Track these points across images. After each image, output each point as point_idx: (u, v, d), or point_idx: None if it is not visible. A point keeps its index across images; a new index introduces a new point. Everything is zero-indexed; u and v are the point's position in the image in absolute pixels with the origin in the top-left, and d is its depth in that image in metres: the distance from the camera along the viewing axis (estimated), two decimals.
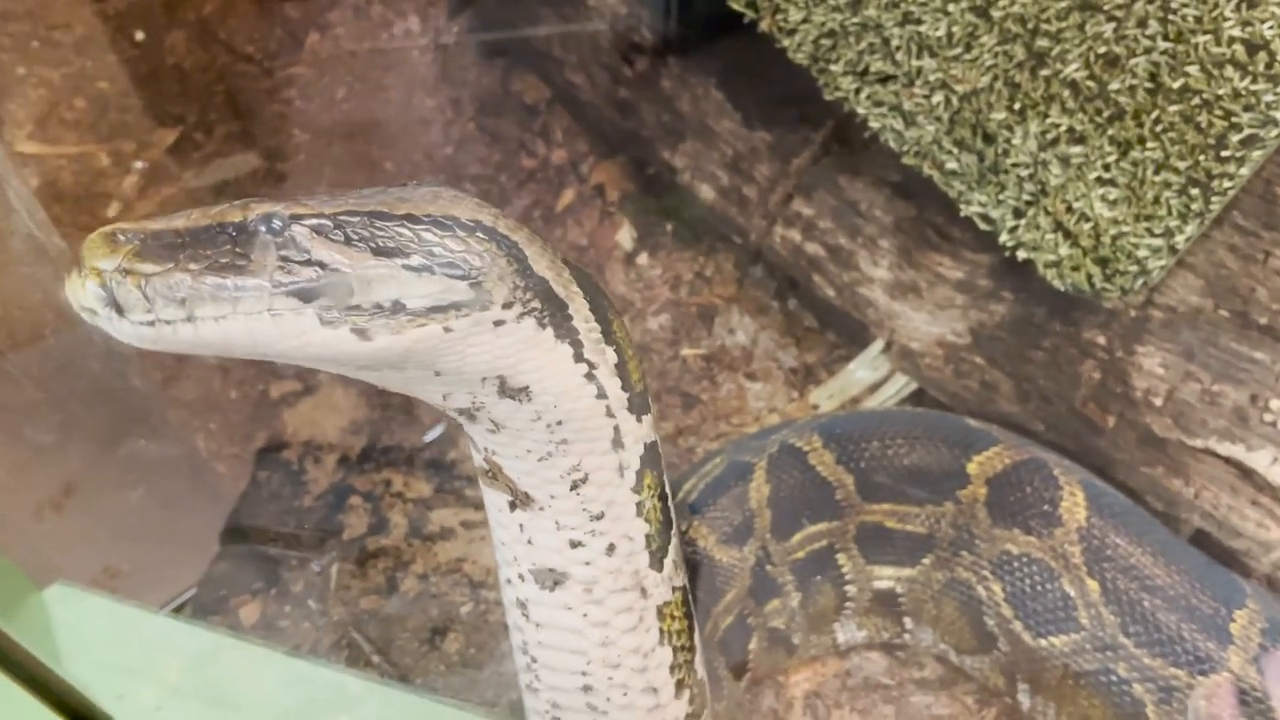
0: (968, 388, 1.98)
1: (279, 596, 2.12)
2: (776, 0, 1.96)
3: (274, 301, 0.86)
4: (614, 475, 1.06)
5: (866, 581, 1.72)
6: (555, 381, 0.99)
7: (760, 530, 1.62)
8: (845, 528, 1.68)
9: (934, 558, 1.70)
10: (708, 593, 1.51)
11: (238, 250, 0.86)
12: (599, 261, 2.60)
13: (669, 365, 2.43)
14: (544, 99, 2.82)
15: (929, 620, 1.77)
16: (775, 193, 2.19)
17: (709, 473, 1.68)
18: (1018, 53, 1.73)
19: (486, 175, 2.79)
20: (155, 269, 0.84)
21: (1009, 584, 1.68)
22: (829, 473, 1.68)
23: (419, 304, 0.89)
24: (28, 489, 1.82)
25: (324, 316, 0.88)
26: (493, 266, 0.92)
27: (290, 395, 2.42)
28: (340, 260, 0.87)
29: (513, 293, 0.93)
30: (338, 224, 0.88)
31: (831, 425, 1.74)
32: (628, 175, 2.69)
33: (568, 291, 0.98)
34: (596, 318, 1.01)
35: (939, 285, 1.97)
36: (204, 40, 3.08)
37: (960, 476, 1.70)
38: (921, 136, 1.86)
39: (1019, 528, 1.67)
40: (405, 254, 0.89)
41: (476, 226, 0.93)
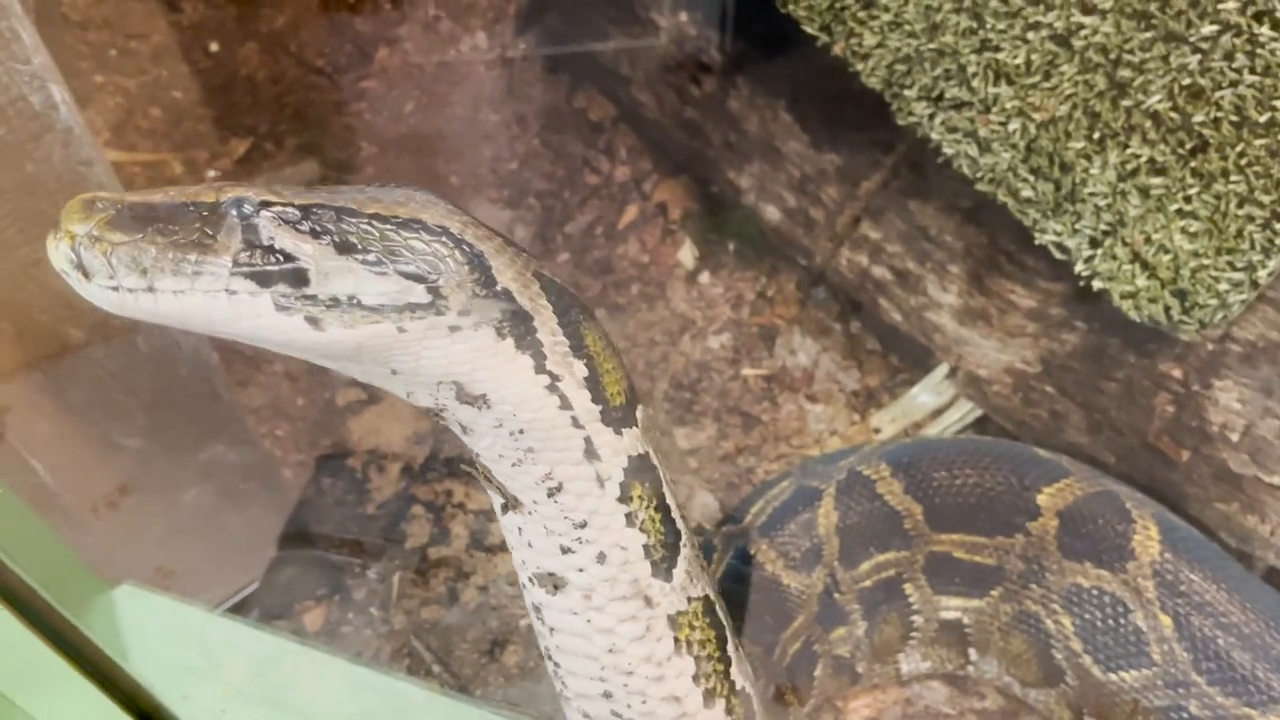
0: (1036, 416, 1.96)
1: (342, 603, 2.15)
2: (851, 25, 1.96)
3: (232, 282, 0.89)
4: (592, 485, 1.06)
5: (933, 612, 1.71)
6: (513, 391, 0.99)
7: (828, 557, 1.61)
8: (913, 558, 1.67)
9: (1002, 589, 1.69)
10: (776, 617, 1.51)
11: (205, 230, 0.89)
12: (660, 279, 2.61)
13: (729, 385, 2.43)
14: (609, 116, 2.84)
15: (995, 652, 1.75)
16: (843, 215, 2.19)
17: (776, 496, 1.68)
18: (1099, 82, 1.72)
19: (550, 191, 2.82)
20: (122, 239, 0.87)
21: (1079, 617, 1.66)
22: (897, 502, 1.67)
23: (374, 301, 0.91)
24: (94, 484, 1.86)
25: (279, 302, 0.90)
26: (453, 273, 0.93)
27: (355, 404, 2.45)
28: (303, 250, 0.89)
29: (471, 300, 0.93)
30: (305, 215, 0.90)
31: (899, 453, 1.74)
32: (691, 194, 2.71)
33: (534, 304, 0.98)
34: (565, 331, 1.00)
35: (1010, 313, 1.95)
36: (276, 53, 3.14)
37: (1031, 508, 1.69)
38: (996, 164, 1.86)
39: (1090, 561, 1.66)
40: (366, 251, 0.90)
41: (442, 232, 0.94)
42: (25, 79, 1.14)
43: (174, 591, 2.11)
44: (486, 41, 3.12)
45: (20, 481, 1.73)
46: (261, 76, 3.10)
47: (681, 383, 2.45)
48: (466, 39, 3.13)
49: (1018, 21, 1.77)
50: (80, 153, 1.25)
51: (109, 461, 1.70)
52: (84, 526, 1.91)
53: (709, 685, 1.17)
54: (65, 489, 1.69)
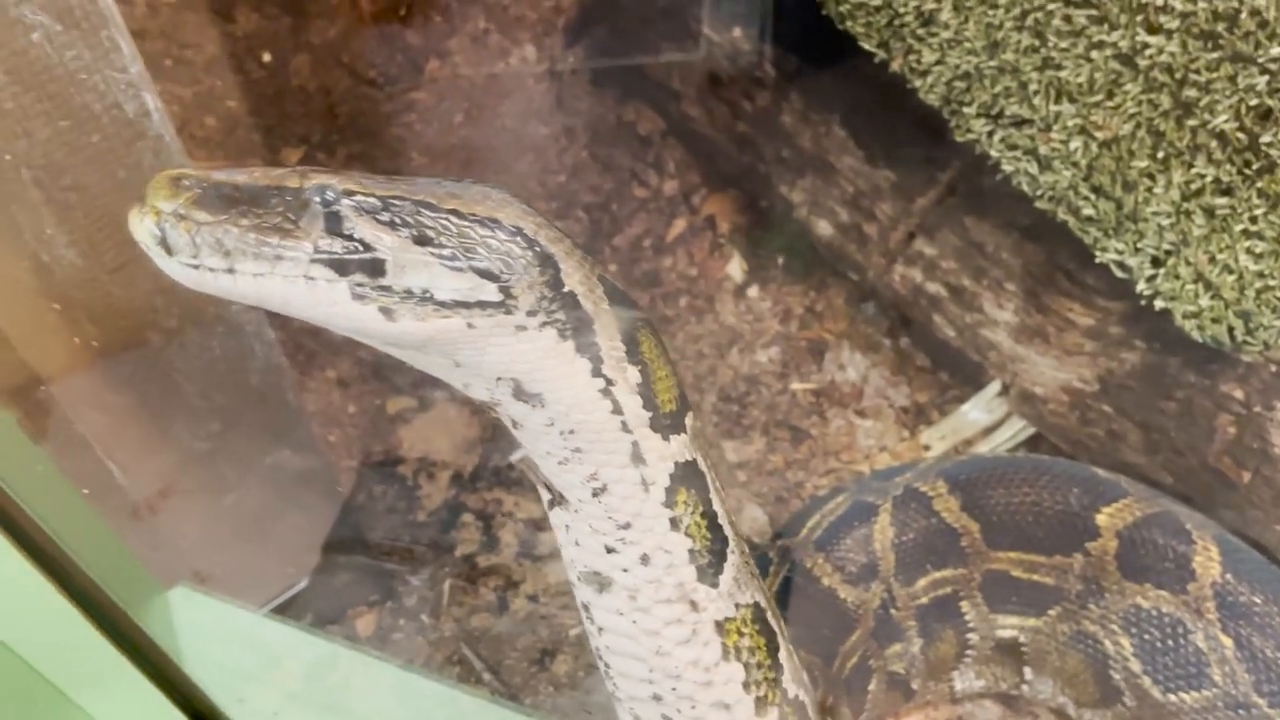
0: (1093, 436, 1.95)
1: (394, 609, 2.17)
2: (909, 41, 1.97)
3: (312, 269, 0.90)
4: (637, 489, 1.07)
5: (990, 630, 1.71)
6: (569, 393, 1.00)
7: (885, 573, 1.61)
8: (971, 575, 1.67)
9: (1060, 609, 1.68)
10: (834, 630, 1.52)
11: (288, 215, 0.90)
12: (709, 292, 2.63)
13: (778, 398, 2.44)
14: (658, 130, 2.86)
15: (1051, 671, 1.74)
16: (897, 231, 2.19)
17: (832, 511, 1.68)
18: (1163, 101, 1.71)
19: (598, 203, 2.84)
20: (207, 219, 0.87)
21: (1138, 638, 1.65)
22: (954, 519, 1.67)
23: (447, 296, 0.92)
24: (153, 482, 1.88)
25: (356, 291, 0.91)
26: (524, 274, 0.94)
27: (406, 411, 2.48)
28: (382, 241, 0.91)
29: (539, 302, 0.95)
30: (386, 206, 0.91)
31: (957, 471, 1.73)
32: (739, 208, 2.72)
33: (596, 308, 1.00)
34: (623, 336, 1.02)
35: (1068, 331, 1.95)
36: (328, 63, 3.18)
37: (1090, 528, 1.68)
38: (1057, 181, 1.86)
39: (1150, 581, 1.65)
40: (442, 246, 0.92)
41: (517, 232, 0.95)
42: (121, 87, 1.17)
43: (224, 589, 2.12)
44: (535, 54, 3.15)
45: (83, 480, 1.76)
46: (313, 87, 3.14)
47: (730, 395, 2.45)
48: (516, 52, 3.16)
49: (1081, 40, 1.77)
50: (170, 160, 1.28)
51: (173, 460, 1.72)
52: (138, 524, 1.94)
53: (760, 693, 1.17)
54: (127, 486, 1.72)
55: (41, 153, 1.15)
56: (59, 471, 1.75)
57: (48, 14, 1.11)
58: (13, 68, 1.12)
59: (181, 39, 3.21)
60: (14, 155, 1.13)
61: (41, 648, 1.74)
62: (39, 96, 1.15)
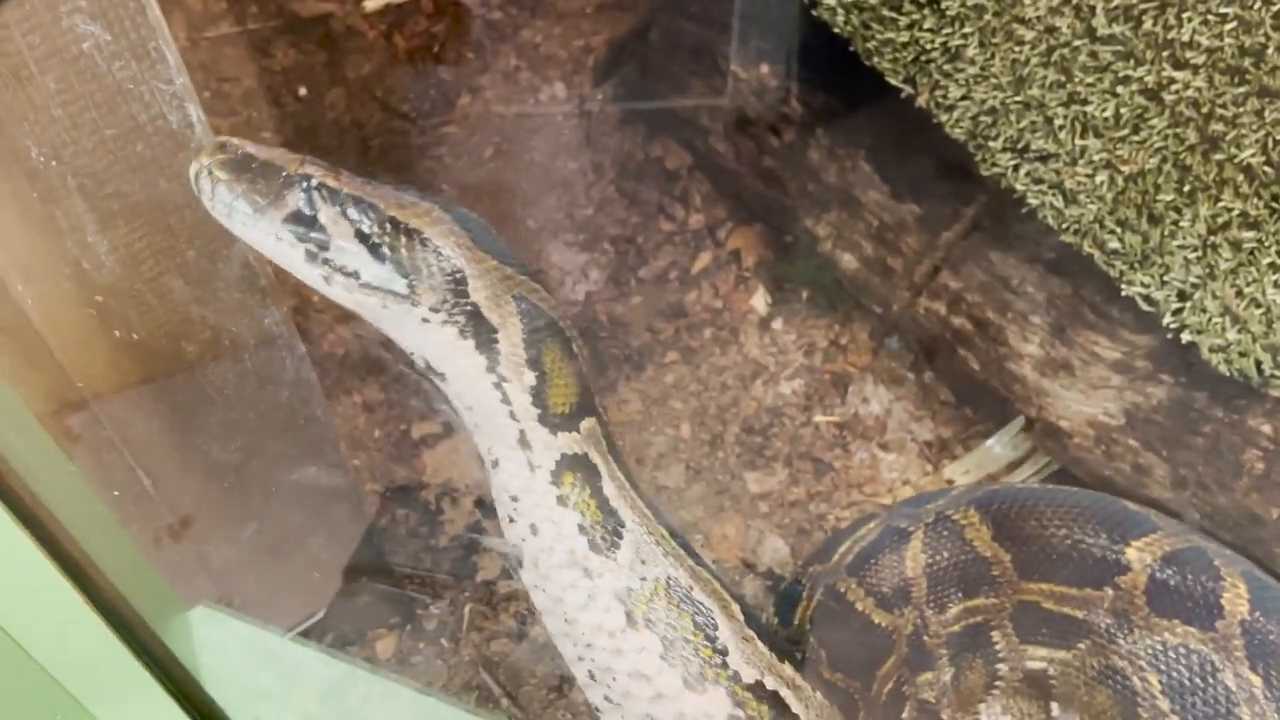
0: (1119, 470, 1.94)
1: (413, 632, 2.16)
2: (936, 77, 2.00)
3: (281, 230, 1.16)
4: (523, 468, 1.25)
5: (1019, 660, 1.69)
6: (464, 378, 1.22)
7: (917, 599, 1.60)
8: (1002, 604, 1.66)
9: (1090, 643, 1.66)
10: (870, 654, 1.51)
11: (278, 188, 1.15)
12: (733, 324, 2.64)
13: (801, 430, 2.44)
14: (685, 165, 2.89)
15: (1078, 707, 1.72)
16: (922, 265, 2.21)
17: (864, 537, 1.67)
18: (1189, 136, 1.73)
19: (624, 236, 2.87)
20: (224, 177, 1.15)
21: (1166, 675, 1.63)
22: (985, 548, 1.66)
23: (369, 279, 1.16)
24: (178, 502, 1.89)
25: (308, 254, 1.16)
26: (430, 278, 1.16)
27: (430, 437, 2.49)
28: (333, 225, 1.15)
29: (441, 303, 1.17)
30: (345, 201, 1.16)
31: (988, 500, 1.73)
32: (764, 242, 2.74)
33: (503, 320, 1.19)
34: (526, 346, 1.20)
35: (1094, 364, 1.95)
36: (362, 98, 3.25)
37: (1120, 562, 1.66)
38: (1083, 215, 1.87)
39: (1179, 618, 1.63)
40: (373, 241, 1.15)
41: (434, 246, 1.17)
42: (167, 98, 1.21)
43: (246, 610, 2.12)
44: (565, 92, 3.21)
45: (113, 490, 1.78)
46: (347, 120, 3.21)
47: (753, 427, 2.46)
48: (546, 89, 3.22)
49: (1107, 75, 1.79)
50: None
51: (202, 476, 1.74)
52: (163, 542, 1.95)
53: (691, 669, 1.22)
54: (157, 499, 1.73)
55: (87, 161, 1.18)
56: (88, 482, 1.77)
57: (98, 24, 1.15)
58: (62, 76, 1.16)
59: (220, 71, 3.29)
60: (60, 162, 1.16)
61: (63, 658, 1.74)
62: (87, 105, 1.18)
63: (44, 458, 1.64)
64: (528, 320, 1.20)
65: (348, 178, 1.20)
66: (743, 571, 2.23)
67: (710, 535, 2.29)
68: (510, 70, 3.29)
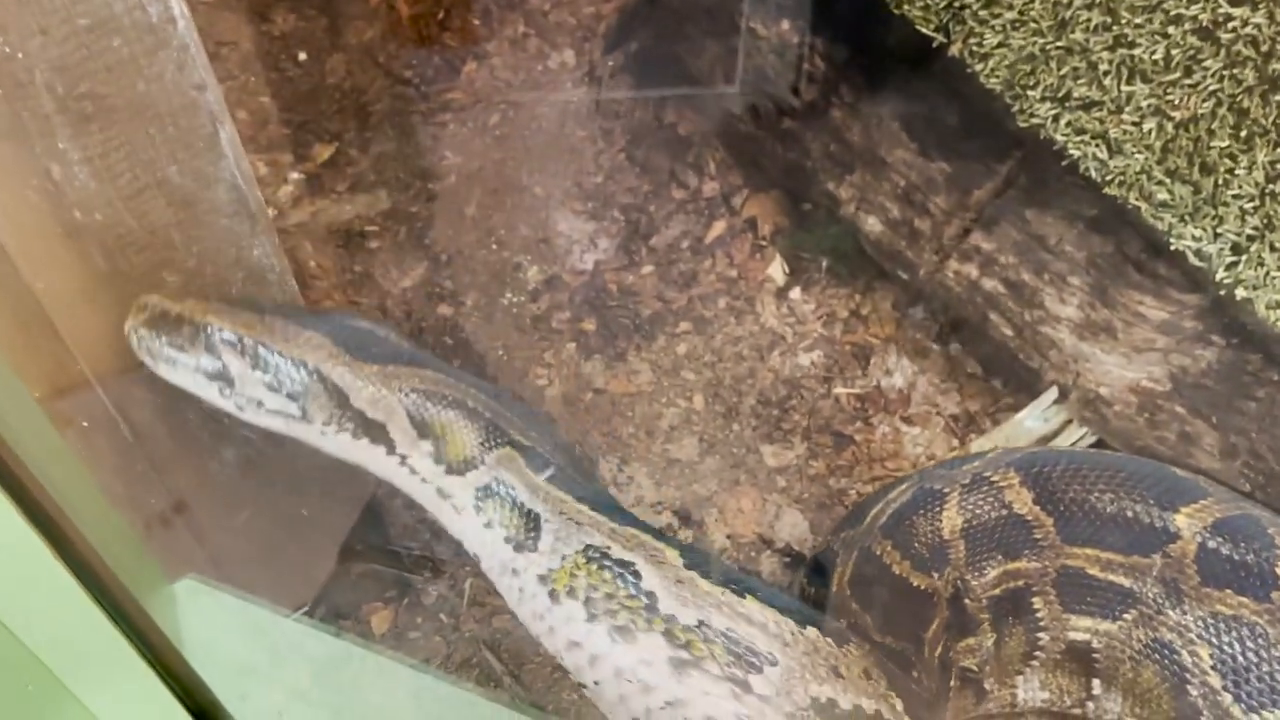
0: (1163, 440, 1.83)
1: (411, 607, 2.05)
2: (970, 24, 1.89)
3: (194, 374, 1.38)
4: (452, 514, 1.45)
5: (1061, 630, 1.57)
6: (375, 466, 1.44)
7: (956, 560, 1.49)
8: (1045, 569, 1.54)
9: (1137, 613, 1.55)
10: (915, 618, 1.40)
11: (190, 338, 1.35)
12: (749, 294, 2.53)
13: (820, 403, 2.32)
14: (699, 131, 2.78)
15: (1122, 686, 1.60)
16: (951, 226, 2.09)
17: (895, 499, 1.56)
18: (1247, 77, 1.62)
19: (635, 205, 2.76)
20: (146, 333, 1.36)
21: (1218, 649, 1.51)
22: (1027, 511, 1.55)
23: (271, 405, 1.37)
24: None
25: (221, 391, 1.38)
26: (317, 398, 1.36)
27: None
28: (234, 365, 1.36)
29: (330, 416, 1.37)
30: (240, 341, 1.35)
31: (1029, 462, 1.61)
32: (782, 210, 2.63)
33: (388, 414, 1.38)
34: (413, 423, 1.39)
35: (1138, 326, 1.83)
36: (364, 64, 3.14)
37: (1169, 529, 1.55)
38: (1129, 166, 1.76)
39: (1231, 587, 1.51)
40: (268, 373, 1.35)
41: (316, 370, 1.35)
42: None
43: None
44: (575, 59, 3.10)
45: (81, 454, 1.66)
46: (348, 86, 3.10)
47: (769, 399, 2.34)
48: (555, 56, 3.11)
49: (1157, 15, 1.68)
50: (193, 76, 1.19)
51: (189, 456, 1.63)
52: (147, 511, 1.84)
53: (617, 622, 1.23)
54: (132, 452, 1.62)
55: (57, 54, 1.06)
56: (69, 447, 1.66)
57: None
58: None
59: (217, 35, 3.18)
60: (26, 54, 1.03)
61: (37, 628, 1.64)
62: None
63: (17, 407, 1.53)
64: (412, 406, 1.38)
65: (248, 318, 1.36)
66: (759, 547, 2.11)
67: (725, 509, 2.18)
68: (518, 37, 3.18)
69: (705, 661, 1.16)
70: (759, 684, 1.14)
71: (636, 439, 2.31)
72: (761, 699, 1.14)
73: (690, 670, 1.16)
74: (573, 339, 2.49)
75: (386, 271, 2.66)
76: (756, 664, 1.15)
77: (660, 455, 2.28)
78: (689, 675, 1.16)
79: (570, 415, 2.34)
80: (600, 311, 2.53)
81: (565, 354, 2.46)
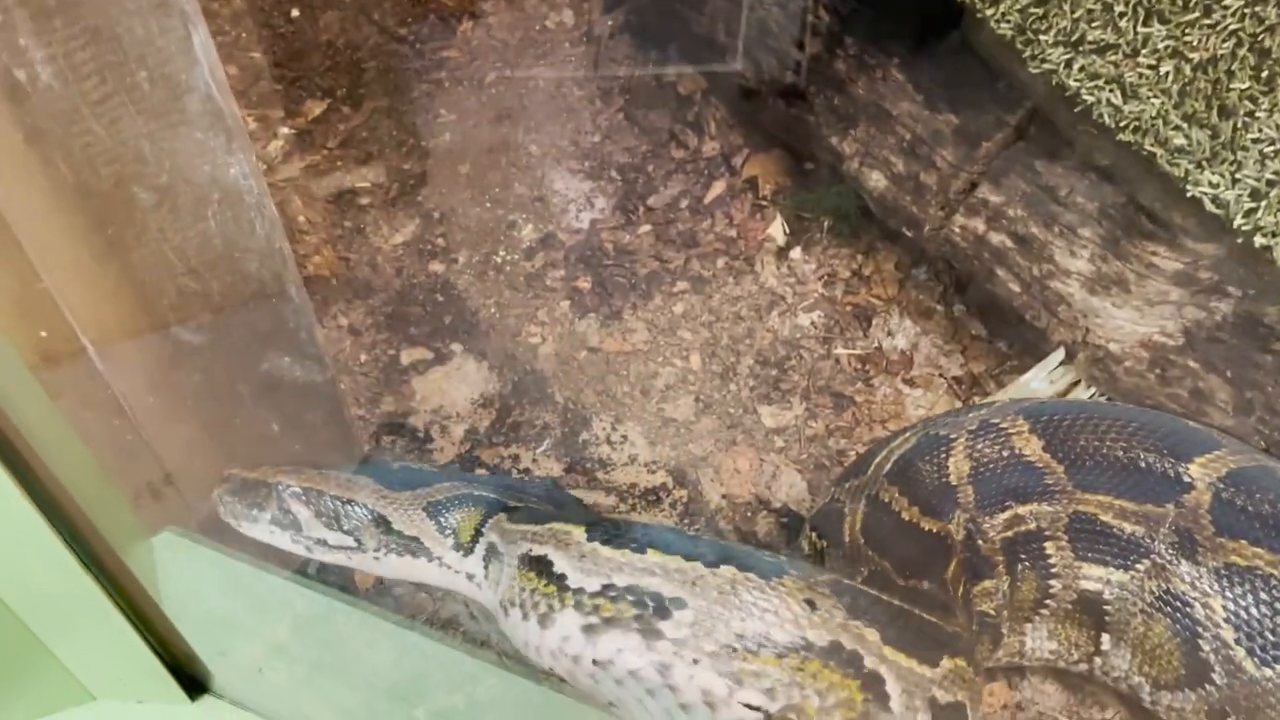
0: (1175, 396, 1.77)
1: None
2: None
3: (271, 527, 1.58)
4: (476, 589, 1.60)
5: (1074, 579, 1.51)
6: (423, 576, 1.62)
7: (965, 504, 1.43)
8: (1057, 514, 1.49)
9: (1150, 564, 1.49)
10: (931, 559, 1.34)
11: (264, 497, 1.58)
12: (748, 254, 2.47)
13: (820, 364, 2.27)
14: (699, 89, 2.72)
15: (1132, 640, 1.55)
16: (958, 179, 2.04)
17: (900, 446, 1.50)
18: (1269, 14, 1.56)
19: (633, 164, 2.70)
20: (229, 498, 1.59)
21: (1233, 601, 1.46)
22: (1037, 458, 1.49)
23: (332, 541, 1.57)
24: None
25: (293, 538, 1.59)
26: (367, 529, 1.56)
27: (421, 363, 2.32)
28: (300, 513, 1.56)
29: (380, 543, 1.57)
30: (306, 495, 1.56)
31: (1038, 411, 1.56)
32: (783, 170, 2.57)
33: (420, 529, 1.57)
34: (439, 529, 1.57)
35: (1151, 278, 1.78)
36: (358, 20, 3.08)
37: (1182, 479, 1.50)
38: (1144, 111, 1.70)
39: (1246, 538, 1.46)
40: (326, 516, 1.56)
41: (363, 505, 1.56)
42: None
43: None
44: (573, 19, 3.04)
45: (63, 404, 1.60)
46: (341, 42, 3.03)
47: (768, 359, 2.28)
48: (553, 15, 3.05)
49: None
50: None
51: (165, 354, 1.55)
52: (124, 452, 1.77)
53: (540, 611, 1.31)
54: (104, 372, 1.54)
55: None
56: (45, 390, 1.59)
57: None
58: None
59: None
60: None
61: (15, 581, 1.58)
62: None
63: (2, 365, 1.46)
64: (437, 519, 1.57)
65: (309, 474, 1.58)
66: (756, 508, 2.06)
67: (721, 470, 2.12)
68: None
69: (614, 620, 1.18)
70: (670, 629, 1.15)
71: (631, 398, 2.25)
72: (676, 642, 1.14)
73: (601, 632, 1.19)
74: (567, 297, 2.43)
75: (378, 228, 2.59)
76: (665, 610, 1.16)
77: (655, 415, 2.22)
78: (601, 636, 1.19)
79: (563, 374, 2.28)
80: (596, 270, 2.47)
81: (559, 312, 2.40)
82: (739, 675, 1.13)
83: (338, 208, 2.64)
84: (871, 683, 1.15)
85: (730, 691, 1.13)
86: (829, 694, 1.13)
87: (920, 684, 1.18)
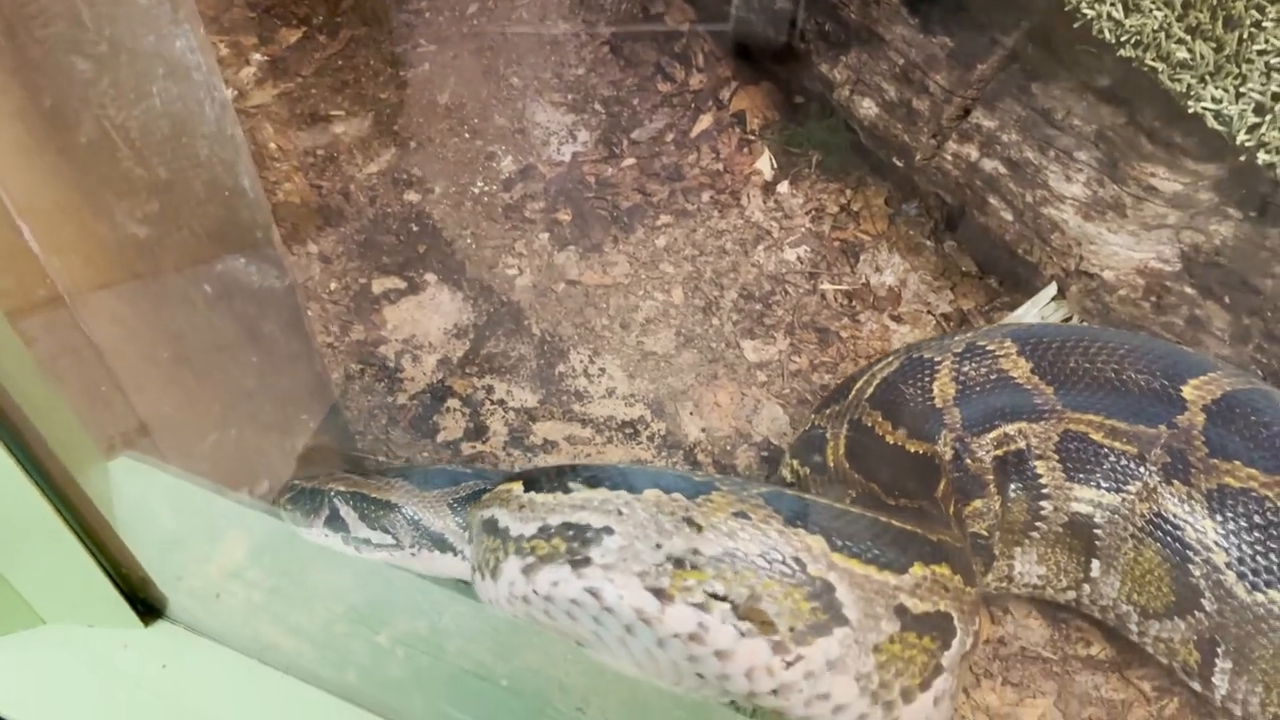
0: (1170, 325, 1.71)
1: None
2: None
3: (325, 531, 1.64)
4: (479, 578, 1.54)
5: (1064, 500, 1.46)
6: (451, 570, 1.62)
7: (952, 424, 1.37)
8: (1047, 433, 1.43)
9: (1142, 486, 1.44)
10: (919, 478, 1.29)
11: (319, 504, 1.65)
12: (734, 188, 2.39)
13: (805, 299, 2.20)
14: (687, 20, 2.64)
15: (1121, 567, 1.49)
16: (951, 104, 1.97)
17: (882, 369, 1.44)
18: None
19: (617, 98, 2.62)
20: (291, 509, 1.66)
21: (1225, 524, 1.40)
22: (1025, 379, 1.43)
23: (376, 541, 1.62)
24: None
25: (344, 539, 1.63)
26: (403, 528, 1.61)
27: (392, 292, 2.24)
28: (348, 516, 1.63)
29: (414, 540, 1.62)
30: (351, 499, 1.63)
31: (1026, 334, 1.50)
32: (772, 104, 2.49)
33: (445, 525, 1.61)
34: (462, 528, 1.60)
35: (1149, 201, 1.71)
36: None
37: (1175, 400, 1.44)
38: (1146, 24, 1.63)
39: (1239, 459, 1.40)
40: (368, 518, 1.62)
41: (399, 507, 1.62)
42: None
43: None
44: None
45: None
46: None
47: (752, 294, 2.22)
48: None
49: None
50: None
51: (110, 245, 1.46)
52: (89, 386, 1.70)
53: (489, 566, 1.38)
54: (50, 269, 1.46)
55: None
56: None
57: None
58: None
59: None
60: None
61: None
62: None
63: None
64: (459, 517, 1.62)
65: (356, 479, 1.66)
66: (735, 441, 1.99)
67: (701, 403, 2.05)
68: None
69: (548, 556, 1.21)
70: (597, 555, 1.15)
71: (610, 331, 2.18)
72: (605, 568, 1.15)
73: (538, 569, 1.21)
74: (546, 229, 2.35)
75: (352, 156, 2.51)
76: (594, 539, 1.17)
77: (635, 348, 2.15)
78: (538, 573, 1.21)
79: (541, 305, 2.21)
80: (576, 203, 2.40)
81: (538, 244, 2.33)
82: (668, 591, 1.12)
83: (309, 135, 2.56)
84: (821, 591, 1.10)
85: (661, 608, 1.12)
86: (770, 602, 1.09)
87: (882, 591, 1.12)
